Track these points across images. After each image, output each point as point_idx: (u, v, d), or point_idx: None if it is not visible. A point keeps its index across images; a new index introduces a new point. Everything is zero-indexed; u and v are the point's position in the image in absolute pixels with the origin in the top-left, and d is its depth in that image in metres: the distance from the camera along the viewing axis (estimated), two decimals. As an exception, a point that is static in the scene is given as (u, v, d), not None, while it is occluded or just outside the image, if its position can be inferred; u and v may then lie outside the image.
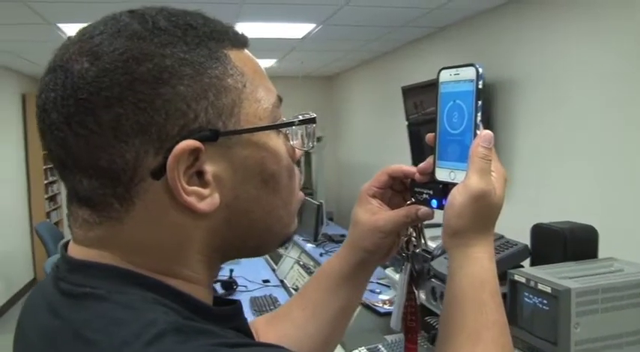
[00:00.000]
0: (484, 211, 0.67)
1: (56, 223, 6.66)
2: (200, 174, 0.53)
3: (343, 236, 4.38)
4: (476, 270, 0.67)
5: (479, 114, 0.68)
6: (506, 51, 3.45)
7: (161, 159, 0.51)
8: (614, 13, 2.64)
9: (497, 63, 3.45)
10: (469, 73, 0.69)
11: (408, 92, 4.51)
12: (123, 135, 0.50)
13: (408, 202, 0.77)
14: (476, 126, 0.68)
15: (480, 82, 0.68)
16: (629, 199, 2.57)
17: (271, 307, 2.84)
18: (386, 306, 2.52)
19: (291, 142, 0.62)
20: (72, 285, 0.52)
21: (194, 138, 0.51)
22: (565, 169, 3.00)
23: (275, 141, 0.59)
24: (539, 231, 1.52)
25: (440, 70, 0.73)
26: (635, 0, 2.52)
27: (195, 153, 0.52)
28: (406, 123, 4.60)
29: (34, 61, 5.37)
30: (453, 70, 0.71)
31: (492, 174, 0.67)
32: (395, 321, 0.82)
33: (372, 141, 6.20)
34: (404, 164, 0.79)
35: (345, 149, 7.29)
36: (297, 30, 4.37)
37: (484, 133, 0.68)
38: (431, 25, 4.22)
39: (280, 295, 3.06)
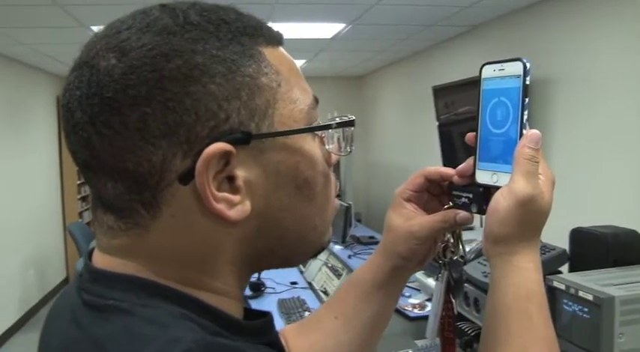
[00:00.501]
0: (531, 217, 0.63)
1: (88, 223, 6.76)
2: (231, 179, 0.50)
3: (372, 237, 4.34)
4: (522, 281, 0.63)
5: (526, 112, 0.64)
6: (540, 49, 3.37)
7: (189, 163, 0.48)
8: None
9: (531, 62, 3.36)
10: (515, 68, 0.65)
11: (439, 92, 4.45)
12: (150, 136, 0.47)
13: (446, 206, 0.73)
14: (522, 126, 0.64)
15: (528, 78, 0.64)
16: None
17: (299, 309, 2.83)
18: (416, 310, 2.49)
19: (327, 146, 0.58)
20: (94, 297, 0.50)
21: (225, 141, 0.48)
22: (604, 171, 2.91)
23: (310, 144, 0.55)
24: (580, 236, 1.46)
25: (483, 66, 0.69)
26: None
27: (225, 156, 0.49)
28: (437, 123, 4.54)
29: (68, 64, 5.45)
30: (498, 66, 0.67)
31: (540, 177, 0.63)
32: (431, 332, 0.78)
33: (402, 142, 6.14)
34: (434, 165, 0.76)
35: (374, 149, 7.24)
36: (327, 30, 4.35)
37: (531, 133, 0.63)
38: (463, 24, 4.16)
39: (308, 297, 3.05)
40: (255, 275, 3.11)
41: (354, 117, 0.59)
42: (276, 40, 0.55)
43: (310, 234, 0.58)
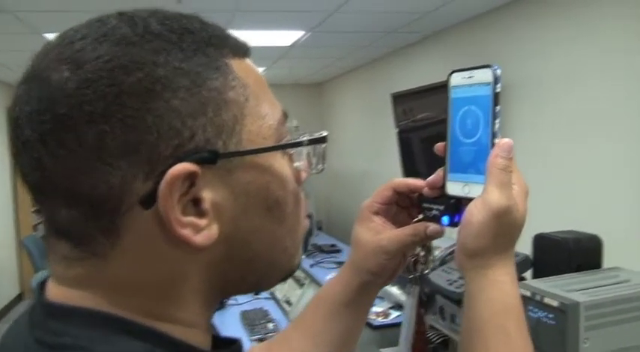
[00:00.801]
0: (505, 230, 0.62)
1: (43, 236, 6.55)
2: (196, 202, 0.46)
3: (333, 246, 4.34)
4: (498, 295, 0.62)
5: (497, 120, 0.63)
6: (498, 55, 3.43)
7: (151, 185, 0.44)
8: (609, 12, 2.61)
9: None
10: (485, 75, 0.64)
11: (398, 99, 4.48)
12: (107, 156, 0.43)
13: (415, 219, 0.71)
14: (494, 135, 0.63)
15: (498, 85, 0.63)
16: (628, 205, 2.54)
17: (262, 321, 2.81)
18: (380, 319, 2.47)
19: (296, 163, 0.55)
20: (49, 334, 0.45)
21: (190, 161, 0.45)
22: (564, 176, 2.96)
23: (280, 162, 0.52)
24: (542, 242, 1.47)
25: (451, 73, 0.67)
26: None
27: (190, 178, 0.45)
28: (396, 130, 4.56)
29: (20, 72, 5.28)
30: (466, 73, 0.66)
31: (513, 187, 0.62)
32: (403, 349, 0.76)
33: (363, 148, 6.16)
34: (394, 171, 0.74)
35: (334, 156, 7.24)
36: (286, 37, 4.32)
37: (503, 142, 0.62)
38: (422, 31, 4.20)
39: (271, 308, 3.02)
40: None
41: (326, 133, 0.56)
42: (242, 50, 0.52)
43: (280, 257, 0.55)
